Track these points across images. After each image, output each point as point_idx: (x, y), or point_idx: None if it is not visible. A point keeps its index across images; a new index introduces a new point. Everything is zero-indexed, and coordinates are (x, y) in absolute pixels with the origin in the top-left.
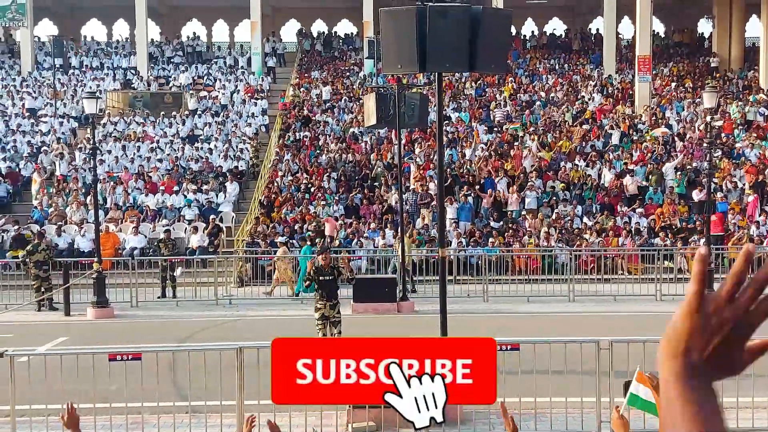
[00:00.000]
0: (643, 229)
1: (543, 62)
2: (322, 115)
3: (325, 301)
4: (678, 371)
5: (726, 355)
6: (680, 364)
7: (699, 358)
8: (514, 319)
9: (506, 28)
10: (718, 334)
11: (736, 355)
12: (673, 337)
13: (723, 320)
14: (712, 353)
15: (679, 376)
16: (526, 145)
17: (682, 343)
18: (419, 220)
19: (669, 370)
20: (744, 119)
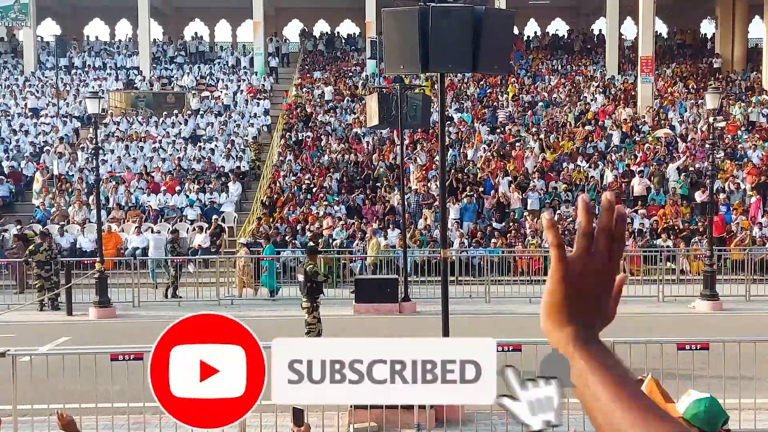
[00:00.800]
0: (645, 230)
1: (545, 63)
2: (324, 116)
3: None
4: (571, 341)
5: (600, 306)
6: (571, 333)
7: (585, 320)
8: (516, 320)
9: (509, 28)
10: (589, 291)
11: (607, 302)
12: (552, 309)
13: (589, 276)
14: (591, 310)
15: (576, 345)
16: (528, 146)
17: (564, 312)
18: (421, 220)
19: (562, 341)
20: (747, 120)
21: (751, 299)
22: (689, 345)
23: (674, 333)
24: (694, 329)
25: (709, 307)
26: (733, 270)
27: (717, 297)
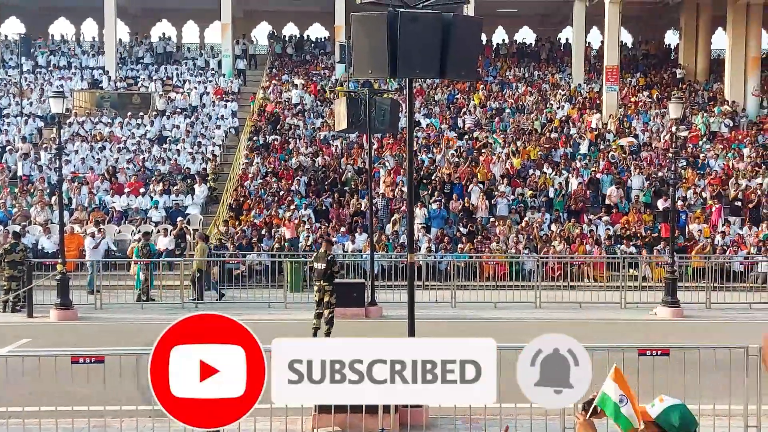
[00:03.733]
0: (608, 237)
1: (513, 70)
2: (292, 119)
3: None
4: None
5: None
6: None
7: None
8: (481, 325)
9: (477, 35)
10: None
11: None
12: None
13: None
14: None
15: None
16: (495, 152)
17: None
18: (389, 225)
19: None
20: (708, 130)
21: (712, 306)
22: (650, 351)
23: (636, 339)
24: (656, 335)
25: (670, 314)
26: (694, 277)
27: (678, 304)
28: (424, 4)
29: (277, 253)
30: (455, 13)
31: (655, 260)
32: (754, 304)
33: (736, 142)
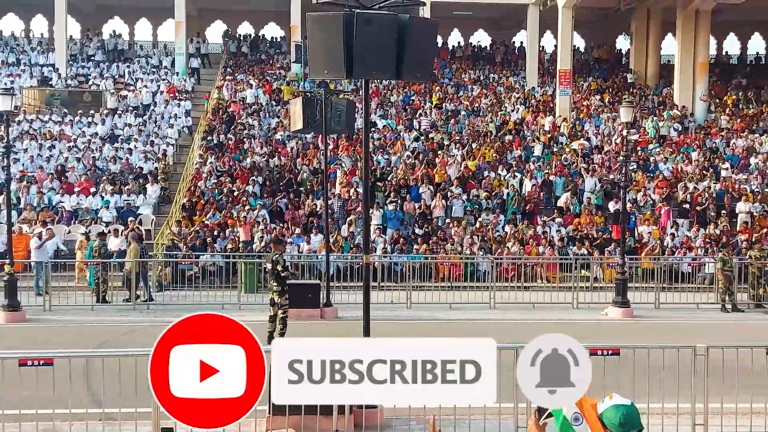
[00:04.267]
0: (561, 238)
1: (468, 73)
2: (247, 118)
3: None
4: None
5: None
6: None
7: None
8: (436, 326)
9: (433, 37)
10: None
11: None
12: None
13: None
14: None
15: None
16: (451, 154)
17: None
18: (344, 226)
19: None
20: (658, 134)
21: (661, 306)
22: (601, 351)
23: (587, 339)
24: (606, 335)
25: (621, 314)
26: (644, 278)
27: (628, 304)
28: (380, 6)
29: (232, 254)
30: (411, 15)
31: (606, 261)
32: (701, 305)
33: (684, 146)
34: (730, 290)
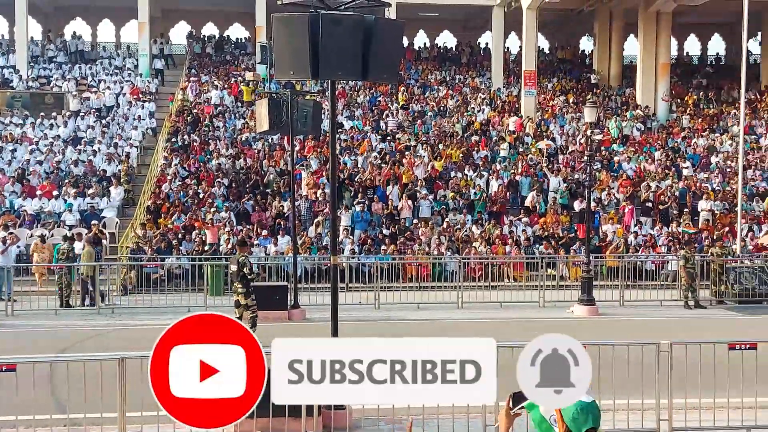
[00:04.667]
0: (527, 238)
1: (434, 74)
2: (212, 120)
3: None
4: None
5: None
6: None
7: None
8: (404, 326)
9: (399, 38)
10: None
11: None
12: None
13: None
14: None
15: None
16: (418, 155)
17: None
18: (312, 227)
19: None
20: (621, 134)
21: (625, 304)
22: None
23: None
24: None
25: (586, 312)
26: (609, 276)
27: (593, 302)
28: (345, 6)
29: (197, 257)
30: (377, 16)
31: (571, 260)
32: (664, 302)
33: (647, 146)
34: (693, 287)
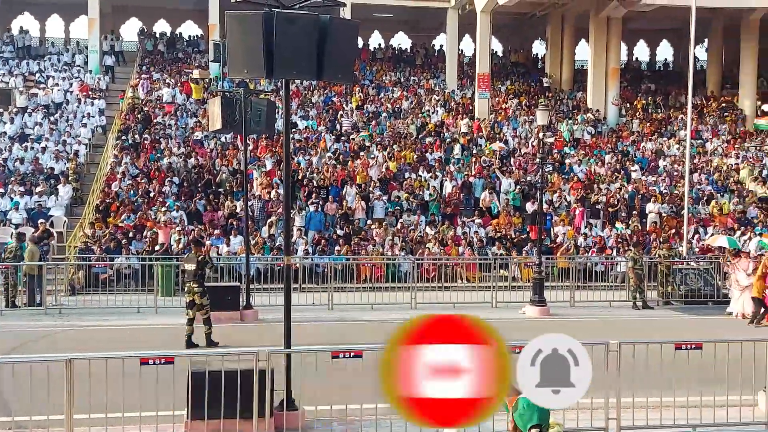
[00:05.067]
0: (480, 239)
1: (389, 75)
2: (164, 118)
3: None
4: None
5: None
6: None
7: None
8: (358, 326)
9: (353, 38)
10: None
11: None
12: None
13: None
14: None
15: None
16: (372, 155)
17: None
18: (265, 227)
19: None
20: (572, 137)
21: (576, 305)
22: (518, 349)
23: (506, 337)
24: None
25: (538, 313)
26: (560, 277)
27: (545, 303)
28: (300, 6)
29: (148, 257)
30: (332, 15)
31: (523, 261)
32: (613, 302)
33: (597, 149)
34: (641, 288)
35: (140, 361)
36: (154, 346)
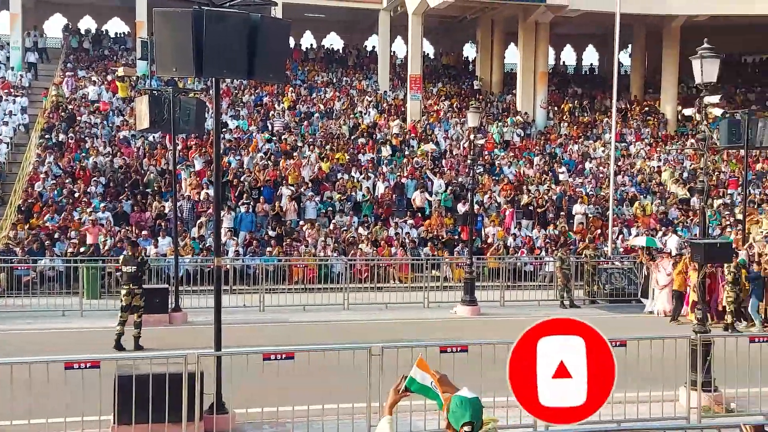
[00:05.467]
0: (413, 240)
1: (321, 75)
2: (89, 117)
3: None
4: None
5: None
6: None
7: None
8: (289, 328)
9: (285, 38)
10: None
11: None
12: None
13: None
14: None
15: None
16: (304, 156)
17: None
18: (195, 228)
19: None
20: (502, 139)
21: (506, 304)
22: (450, 348)
23: (438, 337)
24: (455, 333)
25: (469, 312)
26: (490, 277)
27: (476, 302)
28: (230, 4)
29: (72, 258)
30: (263, 14)
31: (455, 261)
32: (542, 301)
33: (526, 151)
34: (568, 287)
35: (65, 365)
36: (79, 350)
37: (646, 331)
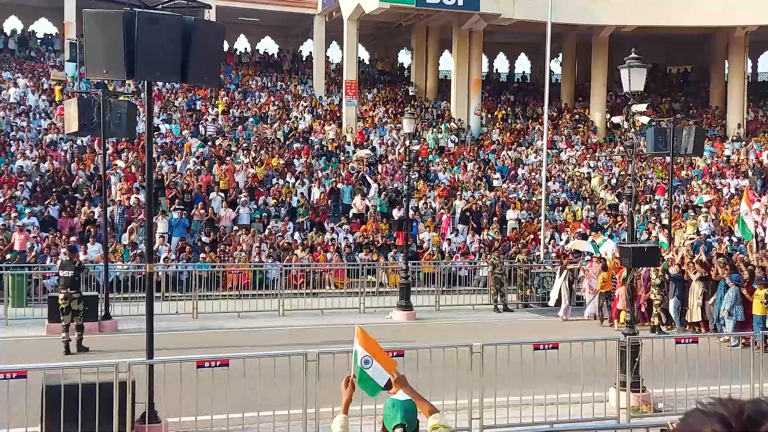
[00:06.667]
0: (348, 245)
1: (255, 79)
2: (15, 120)
3: None
4: None
5: None
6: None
7: None
8: (224, 335)
9: (219, 41)
10: None
11: None
12: None
13: None
14: None
15: None
16: (238, 161)
17: None
18: (125, 234)
19: None
20: (437, 145)
21: (441, 308)
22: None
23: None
24: (391, 338)
25: (404, 317)
26: (425, 282)
27: (411, 307)
28: (163, 6)
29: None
30: (196, 17)
31: (390, 267)
32: (476, 306)
33: (461, 157)
34: (501, 292)
35: None
36: (4, 360)
37: (577, 334)
